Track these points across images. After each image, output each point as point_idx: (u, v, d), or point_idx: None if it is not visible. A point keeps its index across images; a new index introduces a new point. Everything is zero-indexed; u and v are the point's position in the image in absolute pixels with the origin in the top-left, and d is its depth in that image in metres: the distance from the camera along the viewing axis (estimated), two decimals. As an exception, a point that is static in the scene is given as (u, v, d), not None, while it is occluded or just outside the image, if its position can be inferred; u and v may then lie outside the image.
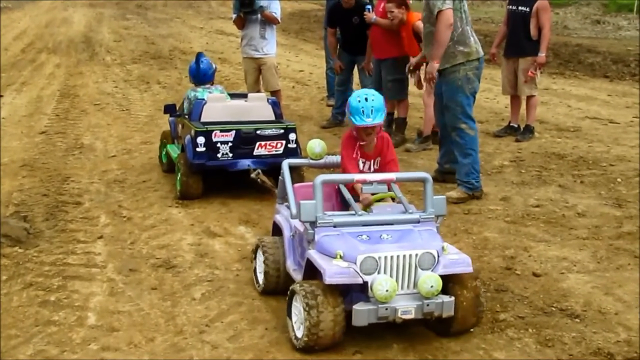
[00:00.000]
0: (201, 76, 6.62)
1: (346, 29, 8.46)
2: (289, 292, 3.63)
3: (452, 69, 5.82)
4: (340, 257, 3.46)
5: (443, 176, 6.36)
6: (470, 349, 3.59)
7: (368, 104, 3.96)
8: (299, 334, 3.50)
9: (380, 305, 3.39)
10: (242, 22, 8.23)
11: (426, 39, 5.98)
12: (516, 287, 4.29)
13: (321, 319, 3.38)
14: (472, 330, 3.74)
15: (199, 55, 6.71)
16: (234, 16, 8.33)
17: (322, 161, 4.50)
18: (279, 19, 8.29)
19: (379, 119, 4.00)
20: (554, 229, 5.29)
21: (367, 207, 3.85)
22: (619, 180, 6.46)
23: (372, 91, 4.10)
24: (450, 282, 3.57)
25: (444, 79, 5.89)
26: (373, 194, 3.89)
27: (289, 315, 3.62)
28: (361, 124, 3.97)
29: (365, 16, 7.85)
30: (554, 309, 4.01)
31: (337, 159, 4.49)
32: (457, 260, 3.56)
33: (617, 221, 5.42)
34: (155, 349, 3.59)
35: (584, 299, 4.13)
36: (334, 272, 3.39)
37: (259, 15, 8.07)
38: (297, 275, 3.83)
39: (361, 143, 4.12)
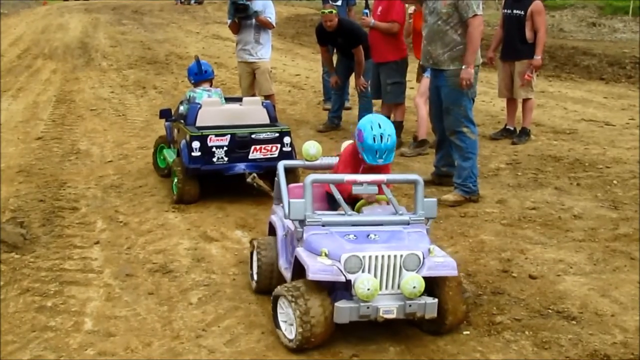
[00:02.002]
0: (203, 73, 6.69)
1: (335, 47, 8.60)
2: (272, 301, 3.66)
3: (458, 72, 5.76)
4: (326, 254, 3.49)
5: (440, 179, 6.37)
6: (466, 351, 3.59)
7: (383, 145, 3.90)
8: (292, 334, 3.51)
9: (362, 304, 3.42)
10: (236, 27, 8.24)
11: (435, 36, 5.83)
12: (513, 289, 4.30)
13: (307, 296, 3.42)
14: (468, 332, 3.75)
15: (197, 57, 6.83)
16: (229, 21, 8.34)
17: (317, 162, 4.52)
18: (274, 24, 8.31)
19: (389, 160, 3.98)
20: (550, 232, 5.29)
21: (370, 203, 3.89)
22: (615, 182, 6.47)
23: (388, 126, 3.97)
24: (435, 284, 3.59)
25: (447, 80, 5.84)
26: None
27: (277, 325, 3.64)
28: (372, 163, 3.96)
29: (363, 20, 7.85)
30: (550, 311, 4.01)
31: (332, 160, 4.50)
32: (442, 263, 3.57)
33: (613, 223, 5.43)
34: (152, 353, 3.59)
35: (581, 301, 4.13)
36: (317, 268, 3.42)
37: (254, 20, 8.09)
38: (288, 274, 3.85)
39: None
